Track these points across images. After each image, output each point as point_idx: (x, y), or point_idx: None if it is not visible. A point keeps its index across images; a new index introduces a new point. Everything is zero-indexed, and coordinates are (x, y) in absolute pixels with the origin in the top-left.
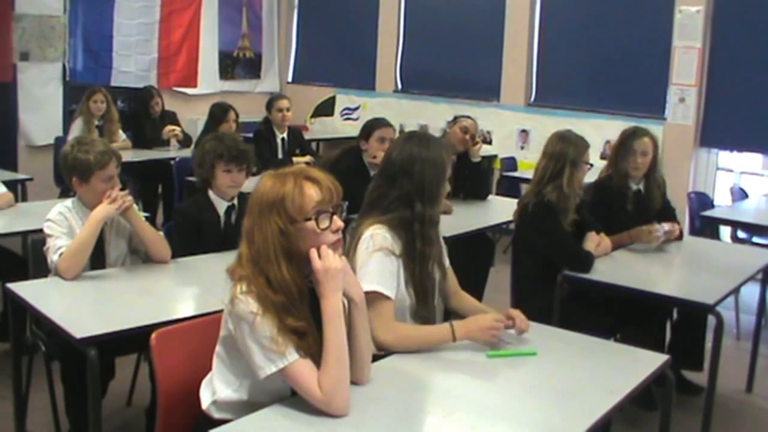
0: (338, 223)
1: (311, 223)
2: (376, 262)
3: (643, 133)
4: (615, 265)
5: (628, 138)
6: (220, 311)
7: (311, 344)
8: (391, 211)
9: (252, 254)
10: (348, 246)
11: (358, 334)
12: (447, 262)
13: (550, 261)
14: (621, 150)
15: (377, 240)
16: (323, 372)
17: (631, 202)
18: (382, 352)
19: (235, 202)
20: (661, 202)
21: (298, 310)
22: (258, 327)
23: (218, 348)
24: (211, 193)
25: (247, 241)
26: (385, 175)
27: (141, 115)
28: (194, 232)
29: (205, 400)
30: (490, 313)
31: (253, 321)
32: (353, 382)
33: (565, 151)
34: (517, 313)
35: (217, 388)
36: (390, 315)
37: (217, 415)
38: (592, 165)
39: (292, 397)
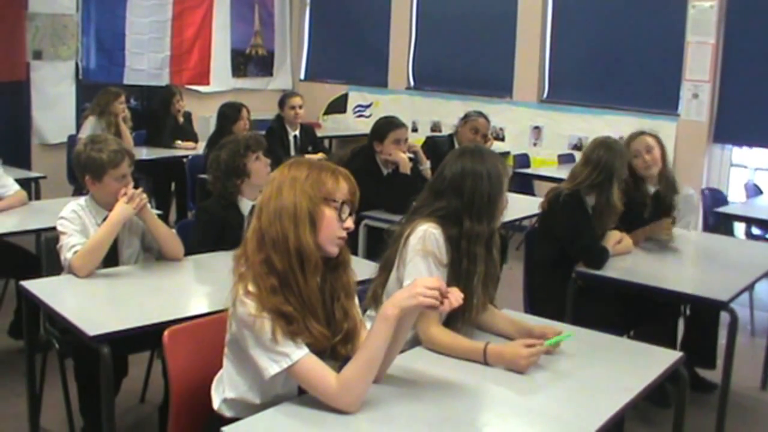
0: (350, 223)
1: (334, 213)
2: (425, 265)
3: (639, 132)
4: (628, 262)
5: (626, 144)
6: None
7: (301, 328)
8: (435, 216)
9: (263, 224)
10: (397, 236)
11: (398, 339)
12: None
13: (566, 256)
14: (627, 155)
15: (429, 242)
16: (352, 364)
17: (648, 209)
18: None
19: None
20: (674, 203)
21: (295, 289)
22: (258, 328)
23: (226, 349)
24: (238, 195)
25: (263, 208)
26: (433, 189)
27: (162, 113)
28: (217, 232)
29: (216, 399)
30: (525, 332)
31: (253, 323)
32: None
33: (611, 163)
34: (551, 330)
35: (226, 388)
36: (432, 315)
37: (228, 413)
38: (627, 174)
39: (302, 396)
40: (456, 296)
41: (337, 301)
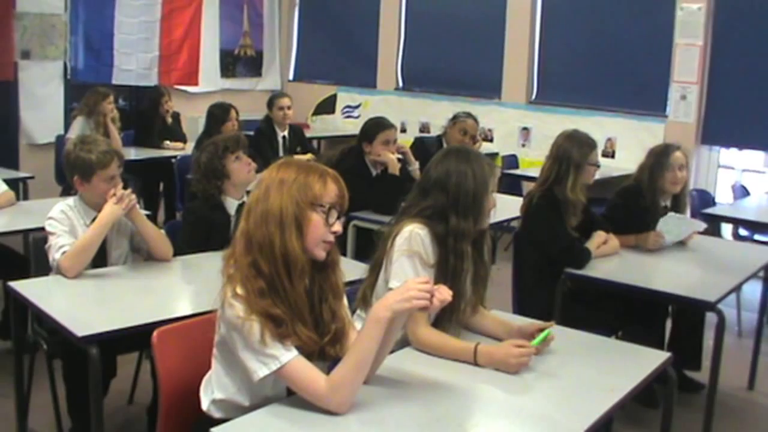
0: (339, 226)
1: (321, 217)
2: (411, 265)
3: (675, 147)
4: (616, 263)
5: (661, 155)
6: None
7: (290, 331)
8: (422, 216)
9: (250, 227)
10: (386, 237)
11: (388, 341)
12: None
13: (551, 256)
14: (656, 167)
15: (415, 242)
16: (342, 365)
17: (655, 224)
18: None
19: (245, 198)
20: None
21: (282, 293)
22: (247, 331)
23: (215, 351)
24: (222, 196)
25: (251, 211)
26: (420, 188)
27: (151, 114)
28: (204, 233)
29: (205, 400)
30: (515, 332)
31: (242, 325)
32: None
33: (569, 153)
34: (539, 326)
35: (215, 389)
36: (420, 315)
37: (217, 414)
38: (599, 165)
39: (292, 397)
40: (444, 292)
41: (325, 302)
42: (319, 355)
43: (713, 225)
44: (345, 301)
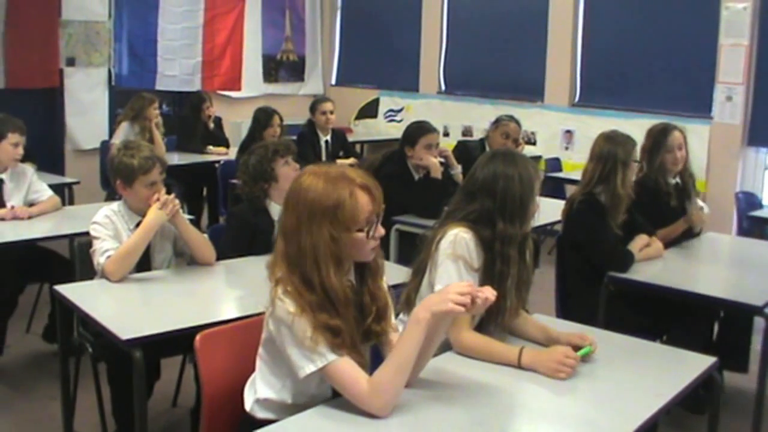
0: (381, 230)
1: (362, 234)
2: (455, 269)
3: (672, 127)
4: (661, 266)
5: (659, 135)
6: (264, 313)
7: (347, 342)
8: (467, 219)
9: (289, 253)
10: (430, 240)
11: (431, 344)
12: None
13: (593, 260)
14: (654, 148)
15: (460, 246)
16: (383, 368)
17: (673, 197)
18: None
19: None
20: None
21: (336, 309)
22: (296, 327)
23: (260, 350)
24: (267, 200)
25: (287, 240)
26: (465, 192)
27: (192, 120)
28: (247, 237)
29: (249, 400)
30: (554, 339)
31: (292, 321)
32: None
33: (614, 152)
34: (575, 337)
35: (259, 390)
36: (463, 319)
37: (260, 415)
38: (641, 163)
39: (336, 398)
40: (488, 292)
41: (365, 286)
42: (364, 335)
43: (760, 228)
44: (385, 280)
